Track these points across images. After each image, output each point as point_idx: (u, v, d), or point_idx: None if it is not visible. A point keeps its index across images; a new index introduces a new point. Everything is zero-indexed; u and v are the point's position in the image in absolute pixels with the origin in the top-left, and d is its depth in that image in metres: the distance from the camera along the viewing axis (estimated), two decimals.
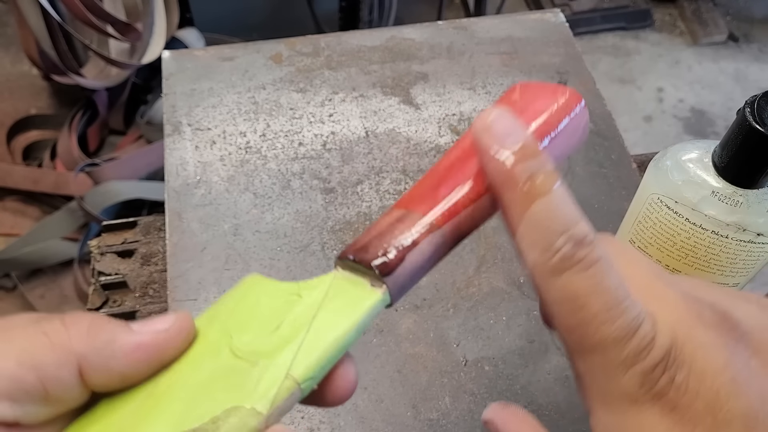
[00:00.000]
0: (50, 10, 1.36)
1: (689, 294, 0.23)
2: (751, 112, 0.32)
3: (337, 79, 0.63)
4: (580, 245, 0.21)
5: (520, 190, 0.22)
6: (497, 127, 0.23)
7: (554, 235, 0.21)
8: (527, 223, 0.22)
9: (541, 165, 0.22)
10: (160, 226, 0.57)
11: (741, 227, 0.35)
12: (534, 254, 0.22)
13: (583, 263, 0.21)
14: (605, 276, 0.21)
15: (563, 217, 0.22)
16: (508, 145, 0.22)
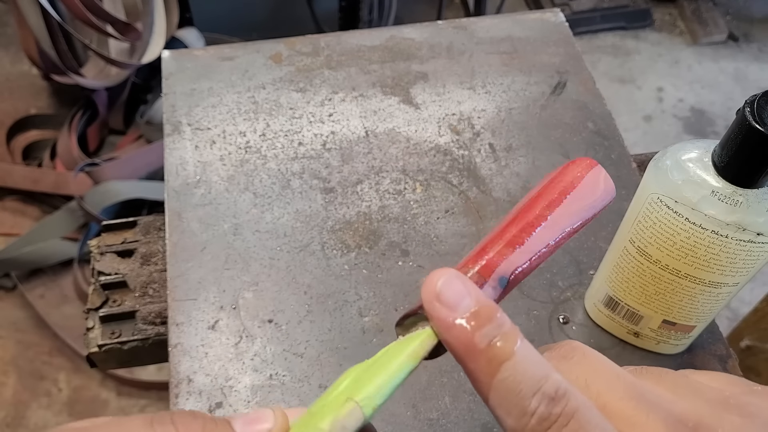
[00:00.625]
0: (50, 10, 1.36)
1: (671, 417, 0.22)
2: (751, 112, 0.32)
3: (337, 78, 0.63)
4: (554, 402, 0.21)
5: (483, 359, 0.22)
6: (446, 294, 0.22)
7: (526, 398, 0.21)
8: (496, 391, 0.22)
9: (498, 328, 0.22)
10: (160, 226, 0.57)
11: (741, 227, 0.35)
12: (510, 421, 0.22)
13: (561, 419, 0.21)
14: (587, 427, 0.21)
15: (531, 377, 0.21)
16: (460, 312, 0.22)
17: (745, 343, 0.96)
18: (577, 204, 0.26)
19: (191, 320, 0.47)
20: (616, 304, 0.45)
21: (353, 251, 0.52)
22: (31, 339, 1.33)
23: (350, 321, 0.48)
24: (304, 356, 0.46)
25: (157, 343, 0.51)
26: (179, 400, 0.44)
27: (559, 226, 0.26)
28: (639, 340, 0.46)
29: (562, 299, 0.50)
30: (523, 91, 0.63)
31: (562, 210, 0.26)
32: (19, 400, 1.26)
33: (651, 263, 0.40)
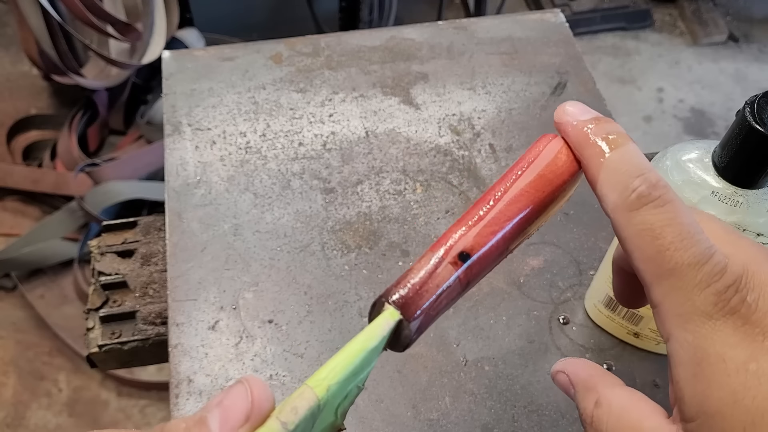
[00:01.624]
0: (50, 10, 1.36)
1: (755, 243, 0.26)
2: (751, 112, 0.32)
3: (337, 79, 0.63)
4: (655, 186, 0.24)
5: (599, 145, 0.26)
6: (573, 108, 0.28)
7: (631, 177, 0.25)
8: (607, 169, 0.26)
9: (615, 128, 0.26)
10: (160, 226, 0.57)
11: (741, 227, 0.35)
12: (613, 196, 0.25)
13: (658, 200, 0.24)
14: (678, 212, 0.24)
15: (638, 163, 0.25)
16: (584, 117, 0.27)
17: None
18: (540, 175, 0.27)
19: (191, 320, 0.47)
20: (616, 304, 0.45)
21: (353, 251, 0.52)
22: (31, 339, 1.33)
23: (350, 321, 0.48)
24: (305, 356, 0.46)
25: (157, 343, 0.51)
26: (179, 401, 0.44)
27: (523, 197, 0.27)
28: (639, 340, 0.46)
29: (562, 300, 0.50)
30: (524, 92, 0.63)
31: (524, 182, 0.27)
32: (19, 401, 1.26)
33: None
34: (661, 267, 0.24)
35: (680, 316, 0.24)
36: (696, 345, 0.24)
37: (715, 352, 0.23)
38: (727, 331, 0.23)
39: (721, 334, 0.23)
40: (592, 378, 0.28)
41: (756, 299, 0.23)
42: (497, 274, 0.50)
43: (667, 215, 0.24)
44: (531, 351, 0.47)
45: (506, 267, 0.51)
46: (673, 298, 0.24)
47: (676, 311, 0.24)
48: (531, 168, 0.27)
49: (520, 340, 0.48)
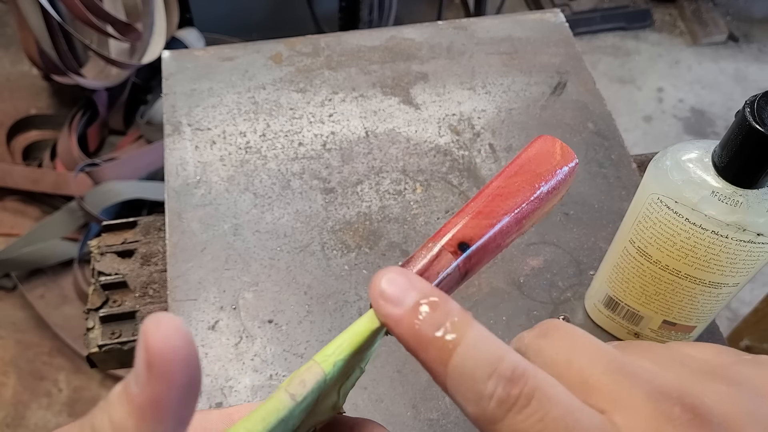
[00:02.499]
0: (50, 10, 1.36)
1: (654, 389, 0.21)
2: (751, 112, 0.32)
3: (337, 79, 0.63)
4: (512, 383, 0.20)
5: (434, 349, 0.21)
6: (390, 291, 0.22)
7: (482, 382, 0.20)
8: (452, 379, 0.21)
9: (445, 315, 0.22)
10: (160, 226, 0.57)
11: (741, 227, 0.35)
12: (470, 408, 0.21)
13: (521, 400, 0.20)
14: (549, 404, 0.20)
15: (485, 359, 0.21)
16: (405, 306, 0.22)
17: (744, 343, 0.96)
18: (535, 171, 0.28)
19: (191, 320, 0.47)
20: (616, 304, 0.45)
21: (353, 251, 0.52)
22: (31, 339, 1.33)
23: (350, 321, 0.48)
24: (305, 356, 0.46)
25: None
26: None
27: (519, 192, 0.27)
28: (639, 340, 0.46)
29: (562, 299, 0.50)
30: (524, 92, 0.63)
31: (520, 178, 0.28)
32: (19, 401, 1.26)
33: (651, 263, 0.40)
34: None
35: None
36: None
37: None
38: None
39: None
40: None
41: None
42: (497, 274, 0.50)
43: (537, 415, 0.20)
44: None
45: (506, 267, 0.51)
46: None
47: None
48: (526, 165, 0.28)
49: None
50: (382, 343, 0.47)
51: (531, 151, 0.28)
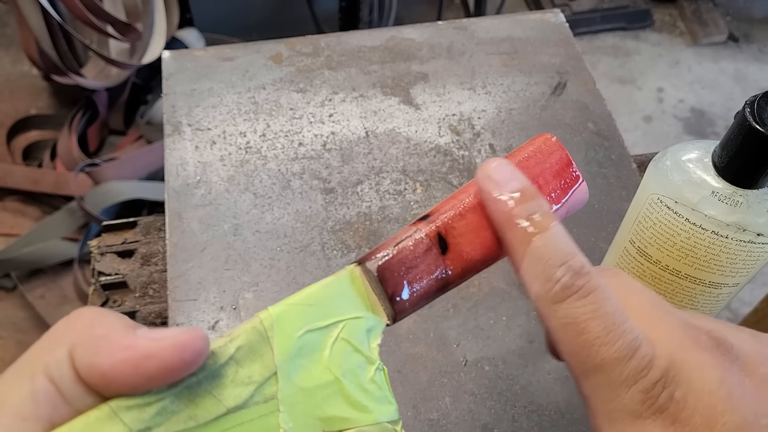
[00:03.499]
0: (50, 10, 1.36)
1: (686, 321, 0.25)
2: (751, 112, 0.32)
3: (337, 79, 0.63)
4: (578, 275, 0.23)
5: (522, 229, 0.24)
6: (498, 174, 0.25)
7: (554, 267, 0.24)
8: (529, 257, 0.24)
9: (538, 206, 0.25)
10: (160, 226, 0.57)
11: (741, 227, 0.35)
12: (536, 286, 0.24)
13: (582, 291, 0.23)
14: (603, 302, 0.23)
15: (561, 250, 0.24)
16: (508, 189, 0.25)
17: None
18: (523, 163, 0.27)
19: (191, 321, 0.47)
20: None
21: (353, 252, 0.52)
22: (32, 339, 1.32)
23: None
24: None
25: None
26: None
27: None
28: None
29: None
30: (524, 92, 0.63)
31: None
32: None
33: (651, 264, 0.40)
34: (586, 363, 0.23)
35: (608, 413, 0.23)
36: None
37: None
38: (656, 430, 0.23)
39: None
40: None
41: (684, 395, 0.23)
42: (497, 274, 0.50)
43: (592, 306, 0.23)
44: (531, 351, 0.47)
45: (506, 267, 0.51)
46: (601, 394, 0.23)
47: (604, 408, 0.24)
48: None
49: (520, 340, 0.48)
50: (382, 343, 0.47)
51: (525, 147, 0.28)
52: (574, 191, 0.28)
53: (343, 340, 0.24)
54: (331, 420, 0.23)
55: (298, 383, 0.23)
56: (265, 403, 0.22)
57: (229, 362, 0.22)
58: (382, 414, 0.23)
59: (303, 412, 0.23)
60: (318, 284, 0.25)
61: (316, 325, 0.24)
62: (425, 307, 0.48)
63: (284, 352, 0.23)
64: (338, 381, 0.23)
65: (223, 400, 0.22)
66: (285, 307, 0.24)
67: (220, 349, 0.22)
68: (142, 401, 0.21)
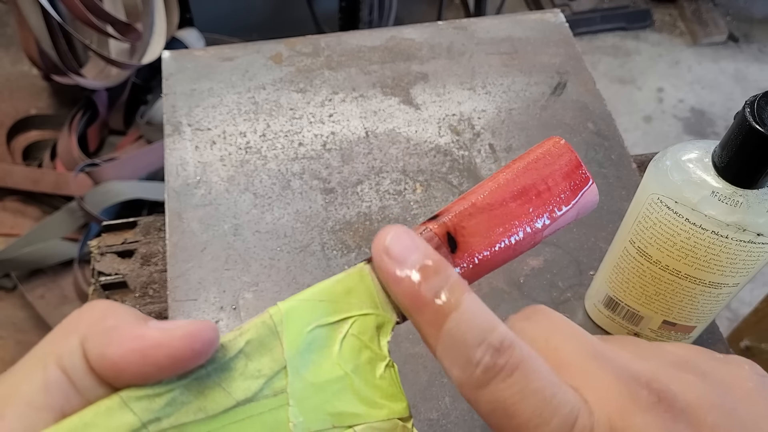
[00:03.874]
0: (50, 10, 1.36)
1: (625, 373, 0.23)
2: (751, 113, 0.32)
3: (337, 79, 0.63)
4: (499, 352, 0.21)
5: (430, 311, 0.22)
6: (394, 249, 0.23)
7: (471, 348, 0.21)
8: (443, 342, 0.22)
9: (445, 280, 0.22)
10: (160, 226, 0.57)
11: (741, 227, 0.35)
12: (456, 371, 0.22)
13: (505, 370, 0.21)
14: (530, 378, 0.21)
15: (477, 327, 0.22)
16: (409, 265, 0.22)
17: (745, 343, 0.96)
18: (532, 164, 0.27)
19: None
20: (616, 304, 0.45)
21: (353, 252, 0.52)
22: (32, 339, 1.33)
23: None
24: None
25: None
26: None
27: (513, 184, 0.27)
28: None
29: (562, 300, 0.50)
30: (524, 92, 0.63)
31: (516, 172, 0.27)
32: None
33: (651, 264, 0.40)
34: None
35: None
36: None
37: None
38: None
39: None
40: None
41: None
42: (497, 274, 0.50)
43: (518, 386, 0.21)
44: None
45: (506, 267, 0.51)
46: None
47: None
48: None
49: None
50: None
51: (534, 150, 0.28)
52: (584, 193, 0.28)
53: (353, 336, 0.24)
54: (341, 415, 0.23)
55: (307, 378, 0.23)
56: (274, 397, 0.22)
57: (238, 355, 0.22)
58: (393, 411, 0.23)
59: (313, 406, 0.23)
60: (328, 281, 0.25)
61: (325, 321, 0.24)
62: None
63: (294, 347, 0.23)
64: (348, 376, 0.23)
65: (233, 392, 0.22)
66: (295, 302, 0.24)
67: (229, 342, 0.23)
68: (152, 392, 0.21)
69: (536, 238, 0.27)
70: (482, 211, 0.26)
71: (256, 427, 0.22)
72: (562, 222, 0.27)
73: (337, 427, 0.22)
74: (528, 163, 0.27)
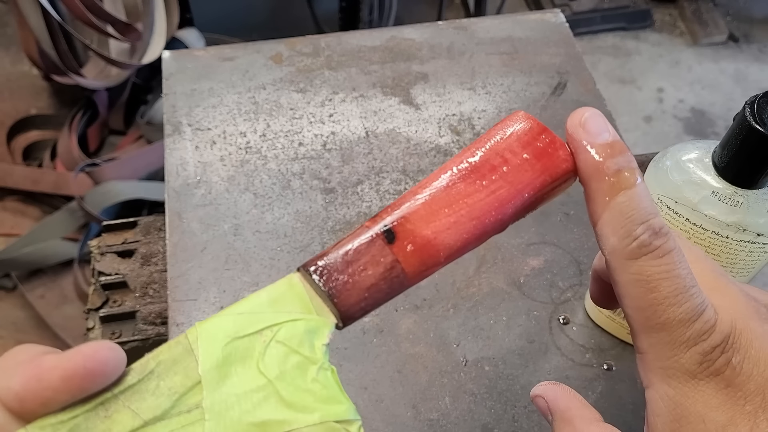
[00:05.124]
0: (50, 10, 1.36)
1: (747, 293, 0.26)
2: (751, 113, 0.32)
3: (337, 79, 0.63)
4: (657, 235, 0.24)
5: (608, 182, 0.25)
6: (590, 124, 0.26)
7: (635, 223, 0.24)
8: (611, 211, 0.24)
9: (628, 162, 0.25)
10: (160, 226, 0.57)
11: (741, 227, 0.35)
12: (614, 239, 0.24)
13: (659, 251, 0.24)
14: (677, 264, 0.24)
15: (644, 209, 0.24)
16: (600, 140, 0.25)
17: None
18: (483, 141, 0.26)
19: (191, 321, 0.47)
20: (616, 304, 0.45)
21: None
22: (32, 339, 1.33)
23: None
24: None
25: (157, 343, 0.51)
26: None
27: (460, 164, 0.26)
28: None
29: (562, 300, 0.50)
30: (524, 92, 0.63)
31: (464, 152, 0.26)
32: None
33: None
34: (651, 320, 0.24)
35: (664, 369, 0.24)
36: (677, 401, 0.24)
37: (695, 412, 0.24)
38: (710, 392, 0.24)
39: (704, 394, 0.24)
40: (569, 410, 0.28)
41: (741, 361, 0.24)
42: (497, 274, 0.50)
43: (666, 267, 0.24)
44: (531, 351, 0.47)
45: (506, 267, 0.51)
46: (659, 350, 0.24)
47: (660, 364, 0.24)
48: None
49: (520, 340, 0.48)
50: (382, 343, 0.47)
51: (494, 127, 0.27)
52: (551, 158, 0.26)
53: (278, 343, 0.23)
54: (266, 424, 0.22)
55: (227, 390, 0.22)
56: (188, 413, 0.22)
57: (148, 377, 0.22)
58: (329, 413, 0.22)
59: (233, 419, 0.22)
60: (250, 295, 0.24)
61: (244, 332, 0.23)
62: (425, 307, 0.48)
63: (209, 361, 0.23)
64: (272, 383, 0.23)
65: (141, 412, 0.22)
66: (212, 319, 0.24)
67: (140, 365, 0.22)
68: (55, 420, 0.21)
69: (501, 214, 0.26)
70: (424, 197, 0.25)
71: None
72: (531, 192, 0.26)
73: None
74: (480, 140, 0.26)
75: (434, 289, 0.50)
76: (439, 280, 0.50)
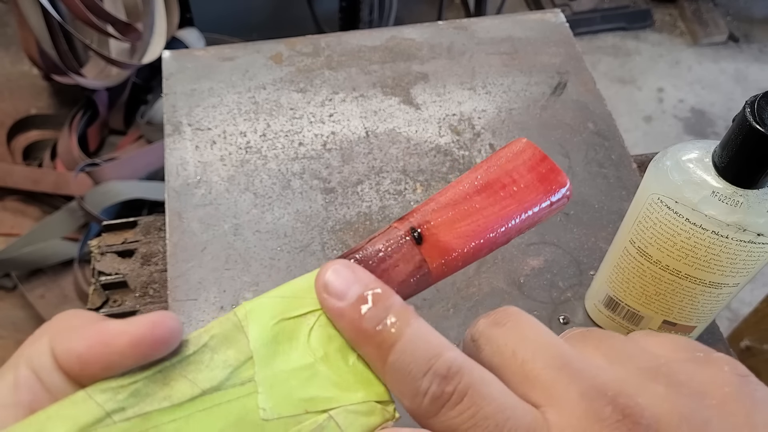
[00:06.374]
0: (50, 10, 1.36)
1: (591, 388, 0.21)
2: (751, 112, 0.32)
3: (337, 79, 0.63)
4: (446, 380, 0.21)
5: (374, 344, 0.22)
6: (333, 286, 0.23)
7: (417, 379, 0.21)
8: (390, 374, 0.22)
9: (386, 310, 0.22)
10: (160, 226, 0.57)
11: (741, 227, 0.35)
12: (406, 402, 0.22)
13: (454, 397, 0.21)
14: (481, 403, 0.21)
15: (422, 356, 0.21)
16: (348, 300, 0.23)
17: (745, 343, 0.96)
18: (495, 161, 0.28)
19: (192, 320, 0.47)
20: (616, 304, 0.45)
21: None
22: None
23: None
24: None
25: None
26: None
27: (476, 180, 0.28)
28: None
29: (562, 300, 0.50)
30: (524, 92, 0.63)
31: (479, 169, 0.28)
32: None
33: (651, 264, 0.40)
34: None
35: None
36: None
37: None
38: None
39: None
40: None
41: None
42: (497, 274, 0.50)
43: (469, 413, 0.21)
44: None
45: (506, 267, 0.51)
46: None
47: None
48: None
49: None
50: None
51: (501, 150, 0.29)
52: (552, 182, 0.28)
53: (321, 327, 0.24)
54: (313, 400, 0.23)
55: (276, 366, 0.23)
56: (242, 386, 0.23)
57: (203, 349, 0.23)
58: (370, 394, 0.23)
59: (283, 393, 0.23)
60: (292, 280, 0.26)
61: (290, 314, 0.24)
62: (425, 307, 0.48)
63: (259, 339, 0.24)
64: (318, 363, 0.24)
65: (198, 382, 0.22)
66: (258, 299, 0.25)
67: (194, 338, 0.23)
68: (116, 384, 0.21)
69: (509, 228, 0.28)
70: (446, 206, 0.27)
71: (224, 414, 0.22)
72: (535, 210, 0.28)
73: (310, 412, 0.23)
74: (491, 160, 0.28)
75: (434, 289, 0.50)
76: None
